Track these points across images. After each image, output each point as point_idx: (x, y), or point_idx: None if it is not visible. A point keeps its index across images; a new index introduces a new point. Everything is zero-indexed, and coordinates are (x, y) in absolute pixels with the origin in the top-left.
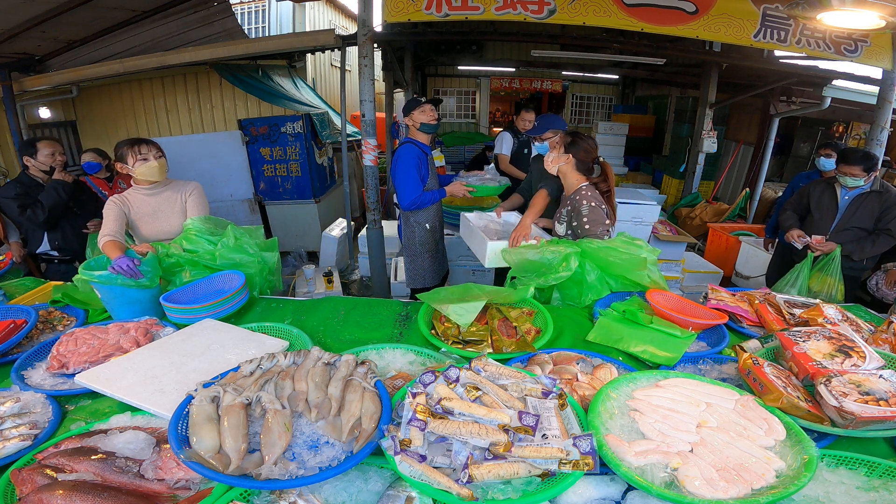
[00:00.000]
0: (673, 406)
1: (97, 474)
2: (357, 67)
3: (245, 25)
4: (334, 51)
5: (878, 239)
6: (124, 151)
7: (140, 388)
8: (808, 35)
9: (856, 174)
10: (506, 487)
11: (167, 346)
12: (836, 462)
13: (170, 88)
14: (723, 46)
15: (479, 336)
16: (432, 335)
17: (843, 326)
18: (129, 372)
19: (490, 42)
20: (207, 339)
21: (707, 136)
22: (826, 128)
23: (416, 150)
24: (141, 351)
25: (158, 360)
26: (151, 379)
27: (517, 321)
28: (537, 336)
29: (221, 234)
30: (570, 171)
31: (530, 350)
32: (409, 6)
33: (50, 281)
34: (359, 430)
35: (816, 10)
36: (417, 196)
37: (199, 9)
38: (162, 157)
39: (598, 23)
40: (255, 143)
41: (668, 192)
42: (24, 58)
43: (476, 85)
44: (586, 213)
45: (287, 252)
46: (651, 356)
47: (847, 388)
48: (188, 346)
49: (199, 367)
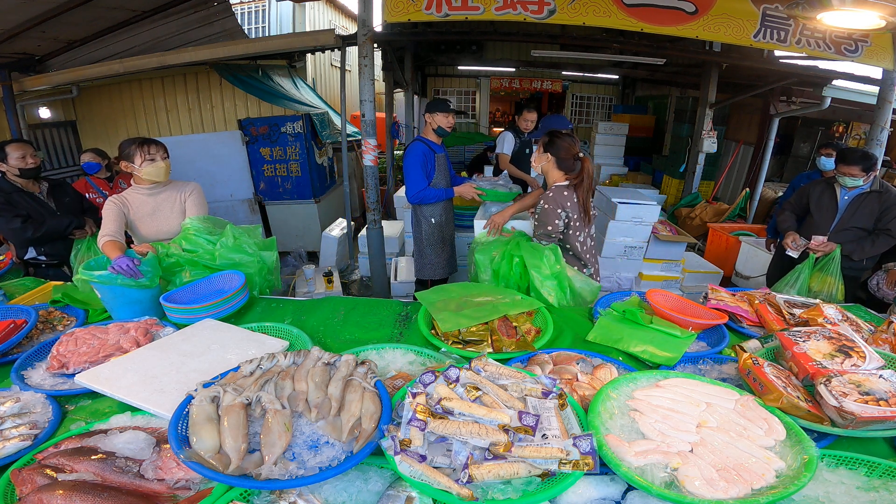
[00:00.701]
0: (673, 406)
1: (97, 474)
2: (357, 67)
3: (245, 25)
4: (334, 51)
5: (878, 239)
6: (132, 150)
7: (140, 388)
8: (808, 35)
9: (854, 174)
10: (506, 487)
11: (167, 346)
12: (836, 462)
13: (170, 88)
14: (723, 46)
15: (479, 336)
16: (432, 335)
17: (843, 326)
18: (129, 372)
19: (490, 42)
20: (207, 339)
21: (707, 136)
22: (826, 128)
23: (423, 147)
24: (141, 351)
25: (158, 361)
26: (151, 379)
27: (517, 321)
28: (537, 336)
29: (220, 234)
30: (551, 170)
31: (530, 350)
32: (409, 6)
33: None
34: (359, 430)
35: (816, 10)
36: (421, 190)
37: (199, 9)
38: (167, 158)
39: (598, 23)
40: (255, 143)
41: (668, 192)
42: (24, 58)
43: (476, 85)
44: (538, 213)
45: (287, 252)
46: (651, 356)
47: (847, 388)
48: (188, 346)
49: (200, 367)
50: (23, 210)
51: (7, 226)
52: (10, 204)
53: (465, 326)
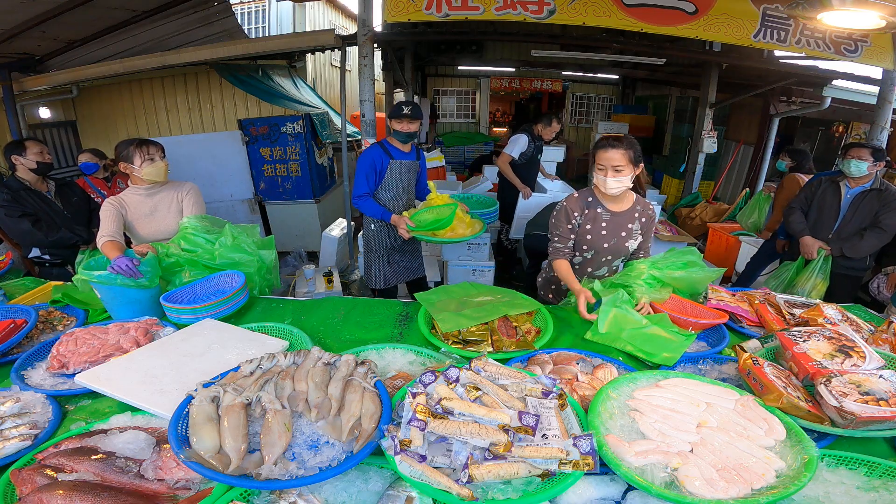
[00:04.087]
0: (673, 406)
1: (97, 474)
2: (357, 67)
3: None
4: (334, 51)
5: (870, 233)
6: (131, 151)
7: (140, 388)
8: (808, 35)
9: (863, 157)
10: (506, 487)
11: (167, 345)
12: (836, 462)
13: (170, 88)
14: (723, 46)
15: (479, 336)
16: (432, 335)
17: (843, 326)
18: (130, 372)
19: (490, 42)
20: (207, 338)
21: (707, 136)
22: (826, 128)
23: (376, 152)
24: (141, 351)
25: (158, 360)
26: (152, 379)
27: (517, 321)
28: (537, 336)
29: (218, 233)
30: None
31: (531, 349)
32: (409, 6)
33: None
34: (359, 430)
35: (816, 10)
36: (358, 196)
37: (199, 9)
38: (165, 157)
39: (598, 23)
40: (255, 143)
41: (668, 192)
42: (24, 58)
43: (476, 85)
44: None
45: (287, 252)
46: (651, 356)
47: (847, 388)
48: (188, 345)
49: (200, 367)
50: (29, 208)
51: (15, 227)
52: (16, 202)
53: (466, 326)
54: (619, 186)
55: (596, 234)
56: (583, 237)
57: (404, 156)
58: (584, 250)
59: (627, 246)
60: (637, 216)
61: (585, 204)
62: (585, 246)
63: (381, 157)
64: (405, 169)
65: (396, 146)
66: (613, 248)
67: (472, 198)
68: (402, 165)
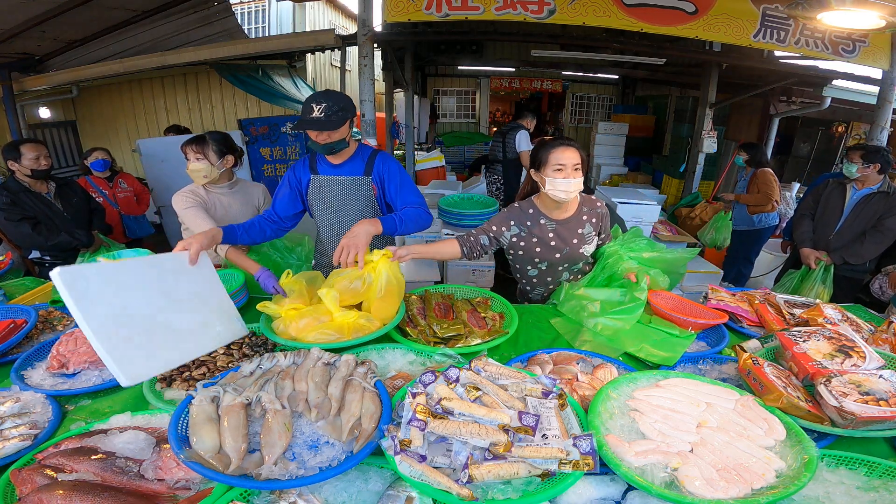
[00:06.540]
0: (673, 406)
1: (97, 474)
2: (357, 67)
3: (245, 25)
4: (334, 51)
5: (871, 237)
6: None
7: (110, 323)
8: (808, 35)
9: (853, 159)
10: (506, 487)
11: (156, 268)
12: (836, 462)
13: (170, 88)
14: (723, 46)
15: (455, 330)
16: (408, 340)
17: (843, 326)
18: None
19: (490, 42)
20: (193, 285)
21: (707, 136)
22: (826, 128)
23: (300, 166)
24: (129, 263)
25: (139, 290)
26: (125, 318)
27: (479, 308)
28: (502, 321)
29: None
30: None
31: (504, 334)
32: (409, 6)
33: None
34: (359, 430)
35: (816, 10)
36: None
37: (199, 9)
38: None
39: (598, 23)
40: (255, 143)
41: (668, 192)
42: (24, 58)
43: (476, 85)
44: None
45: None
46: (651, 356)
47: (847, 388)
48: (173, 281)
49: (172, 324)
50: (29, 211)
51: (16, 231)
52: (16, 204)
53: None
54: (579, 187)
55: (544, 247)
56: (531, 251)
57: (333, 170)
58: (537, 263)
59: (582, 252)
60: (585, 219)
61: (526, 217)
62: (537, 259)
63: (302, 174)
64: (334, 186)
65: (329, 160)
66: (568, 257)
67: (472, 198)
68: (329, 183)
